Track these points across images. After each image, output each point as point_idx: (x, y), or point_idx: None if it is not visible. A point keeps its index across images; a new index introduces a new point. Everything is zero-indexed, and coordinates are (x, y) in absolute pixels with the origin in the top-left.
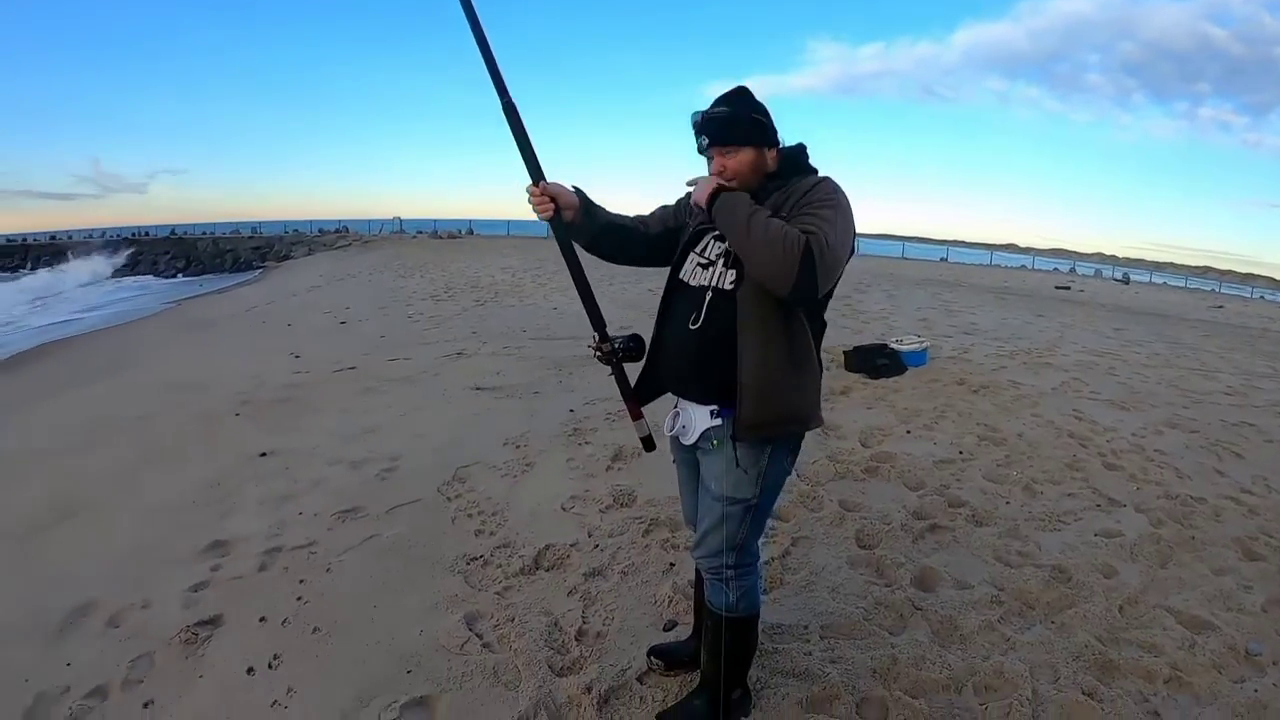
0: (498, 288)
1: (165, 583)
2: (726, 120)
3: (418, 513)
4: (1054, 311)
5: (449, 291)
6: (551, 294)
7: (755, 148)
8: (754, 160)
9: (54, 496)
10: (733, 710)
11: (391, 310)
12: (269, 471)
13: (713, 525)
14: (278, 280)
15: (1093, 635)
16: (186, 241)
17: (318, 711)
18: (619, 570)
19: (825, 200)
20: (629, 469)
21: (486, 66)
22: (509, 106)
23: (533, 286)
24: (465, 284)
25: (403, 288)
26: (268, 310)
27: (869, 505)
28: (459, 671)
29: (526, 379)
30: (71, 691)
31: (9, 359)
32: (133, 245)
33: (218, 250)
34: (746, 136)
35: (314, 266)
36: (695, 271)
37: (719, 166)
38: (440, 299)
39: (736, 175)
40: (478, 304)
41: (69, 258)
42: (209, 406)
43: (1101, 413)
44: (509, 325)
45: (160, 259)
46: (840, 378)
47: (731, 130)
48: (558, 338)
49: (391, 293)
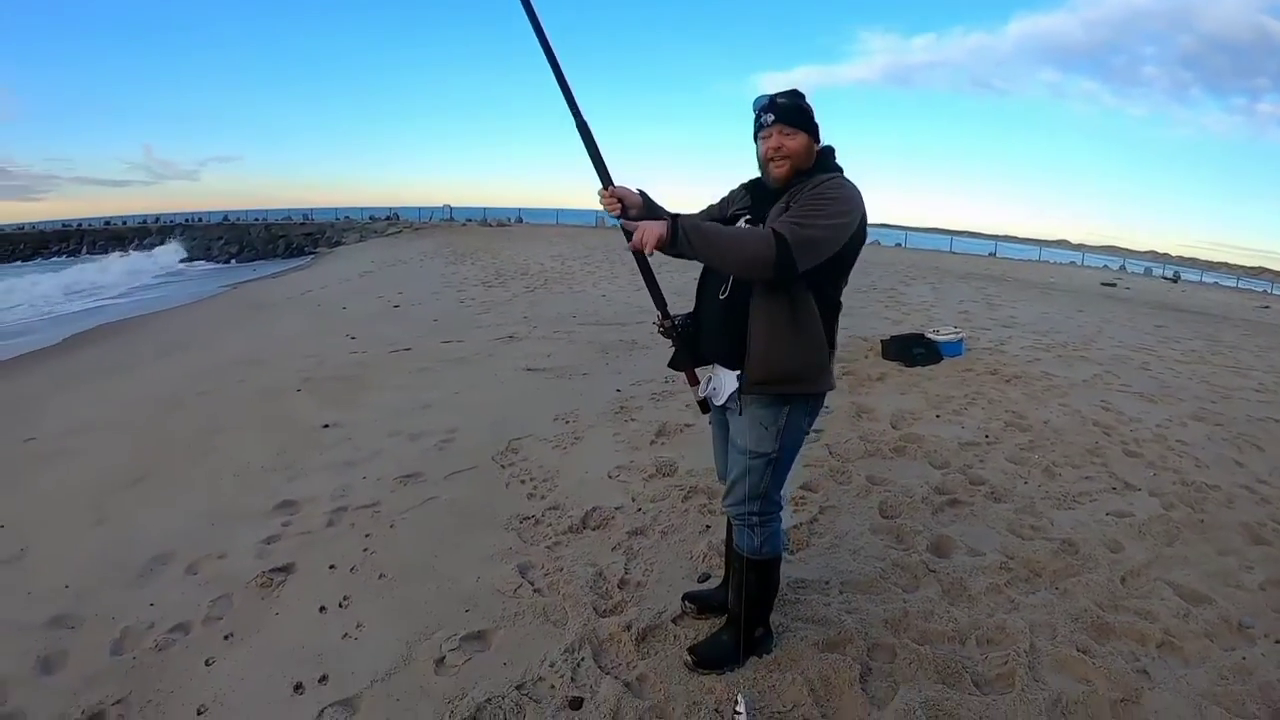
0: (547, 274)
1: (239, 536)
2: (794, 104)
3: (474, 478)
4: (1096, 308)
5: (499, 278)
6: (600, 281)
7: (810, 136)
8: (807, 145)
9: (129, 463)
10: (756, 646)
11: (444, 295)
12: (332, 441)
13: (739, 476)
14: (330, 266)
15: (1093, 601)
16: (239, 227)
17: (385, 642)
18: (659, 530)
19: (818, 194)
20: (672, 443)
21: (562, 91)
22: (582, 126)
23: (582, 274)
24: (515, 270)
25: (454, 274)
26: (322, 294)
27: (894, 480)
28: (512, 611)
29: (576, 361)
30: (156, 627)
31: (83, 335)
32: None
33: (270, 236)
34: (806, 123)
35: (366, 252)
36: None
37: (777, 143)
38: (491, 285)
39: (791, 155)
40: (528, 290)
41: (153, 243)
42: (271, 383)
43: (1129, 404)
44: (559, 311)
45: (213, 244)
46: (877, 365)
47: (798, 114)
48: (606, 323)
49: (443, 278)
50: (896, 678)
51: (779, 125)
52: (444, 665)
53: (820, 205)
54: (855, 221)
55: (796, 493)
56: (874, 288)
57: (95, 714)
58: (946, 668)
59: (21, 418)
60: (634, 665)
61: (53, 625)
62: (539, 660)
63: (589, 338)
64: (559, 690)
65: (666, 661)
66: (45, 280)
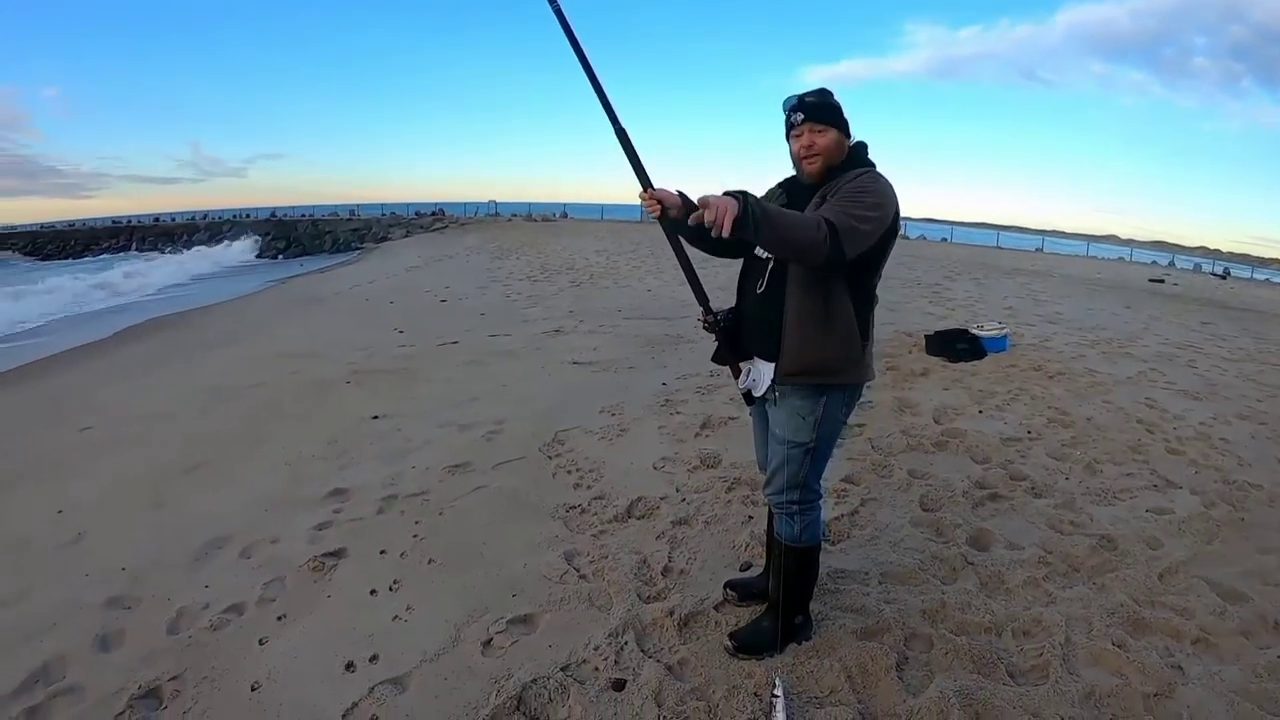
0: (593, 270)
1: (291, 522)
2: (822, 102)
3: (521, 468)
4: (1142, 304)
5: (545, 272)
6: (645, 276)
7: (840, 132)
8: (837, 141)
9: (184, 451)
10: (795, 633)
11: (490, 290)
12: (382, 432)
13: (779, 466)
14: (377, 261)
15: (1129, 596)
16: (286, 223)
17: (433, 624)
18: (703, 520)
19: (857, 187)
20: (716, 436)
21: (599, 98)
22: (621, 132)
23: (627, 269)
24: (561, 265)
25: (500, 268)
26: (370, 289)
27: (935, 474)
28: (558, 596)
29: (622, 355)
30: (210, 608)
31: (134, 329)
32: (234, 225)
33: (317, 232)
34: (836, 119)
35: (412, 248)
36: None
37: (809, 141)
38: (537, 279)
39: (823, 151)
40: (574, 285)
41: (227, 238)
42: (322, 375)
43: (1173, 401)
44: (604, 305)
45: (261, 239)
46: (920, 360)
47: (826, 111)
48: (651, 318)
49: (489, 273)
50: (932, 667)
51: (809, 124)
52: (491, 647)
53: (860, 196)
54: (891, 214)
55: (838, 485)
56: (919, 283)
57: (151, 690)
58: (982, 658)
59: (77, 408)
60: (676, 649)
61: (110, 605)
62: (583, 643)
63: (634, 332)
64: (602, 672)
65: (708, 646)
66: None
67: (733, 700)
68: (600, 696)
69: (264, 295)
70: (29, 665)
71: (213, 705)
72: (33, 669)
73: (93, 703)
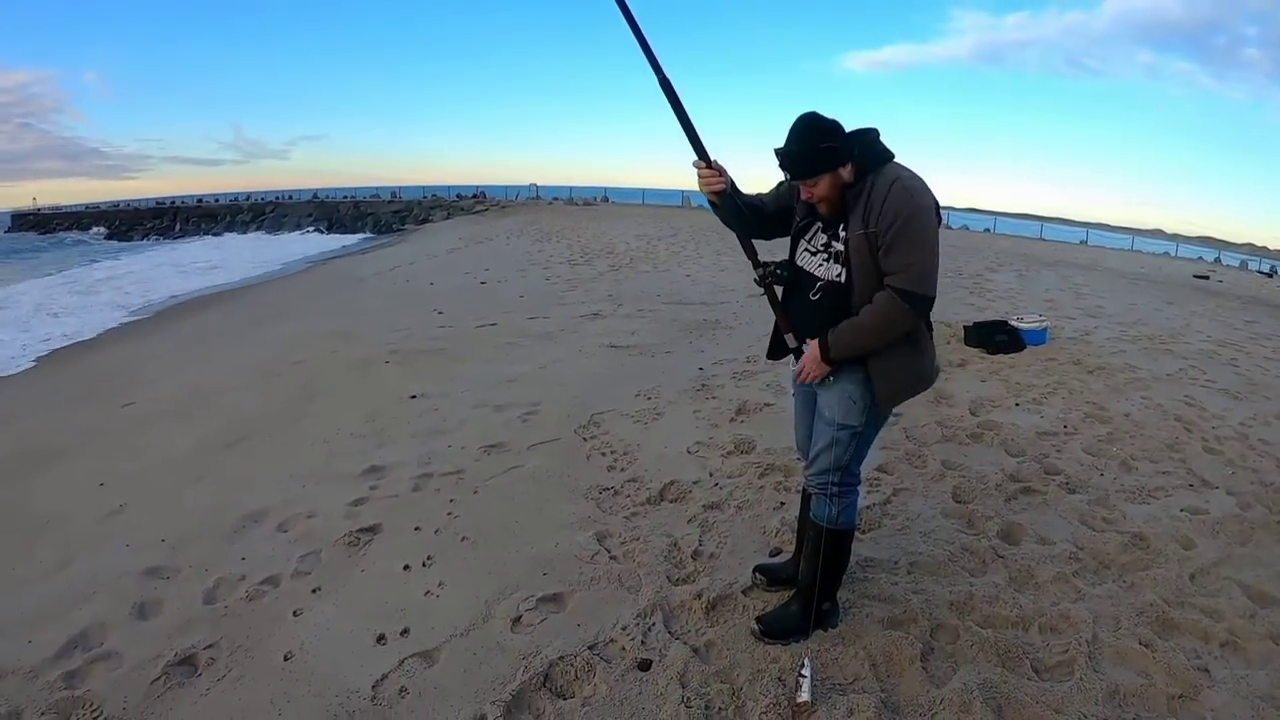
0: (632, 254)
1: (328, 498)
2: (801, 158)
3: (556, 450)
4: (1185, 300)
5: (585, 256)
6: (685, 262)
7: (831, 173)
8: (832, 182)
9: (224, 427)
10: (822, 619)
11: (530, 273)
12: (419, 411)
13: (824, 447)
14: (418, 242)
15: (1159, 596)
16: (328, 205)
17: (464, 600)
18: (734, 505)
19: (900, 220)
20: (751, 421)
21: (660, 87)
22: (673, 97)
23: (667, 254)
24: (601, 249)
25: (540, 252)
26: (410, 270)
27: (969, 466)
28: (588, 576)
29: (659, 339)
30: (247, 579)
31: (178, 306)
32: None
33: (358, 213)
34: (820, 167)
35: (452, 230)
36: (805, 257)
37: (806, 194)
38: (577, 263)
39: (824, 198)
40: (613, 269)
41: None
42: (361, 354)
43: (1213, 400)
44: (643, 289)
45: (303, 220)
46: (959, 351)
47: (807, 165)
48: (690, 303)
49: (529, 256)
50: (957, 658)
51: (799, 179)
52: (520, 624)
53: (908, 234)
54: (936, 219)
55: (871, 474)
56: (960, 273)
57: (187, 657)
58: (1007, 652)
59: (123, 384)
60: (703, 632)
61: (149, 575)
62: (611, 623)
63: (672, 316)
64: (629, 652)
65: (734, 630)
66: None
67: (757, 684)
68: (626, 675)
69: (306, 275)
70: (69, 631)
71: (246, 673)
72: (72, 635)
73: (129, 668)
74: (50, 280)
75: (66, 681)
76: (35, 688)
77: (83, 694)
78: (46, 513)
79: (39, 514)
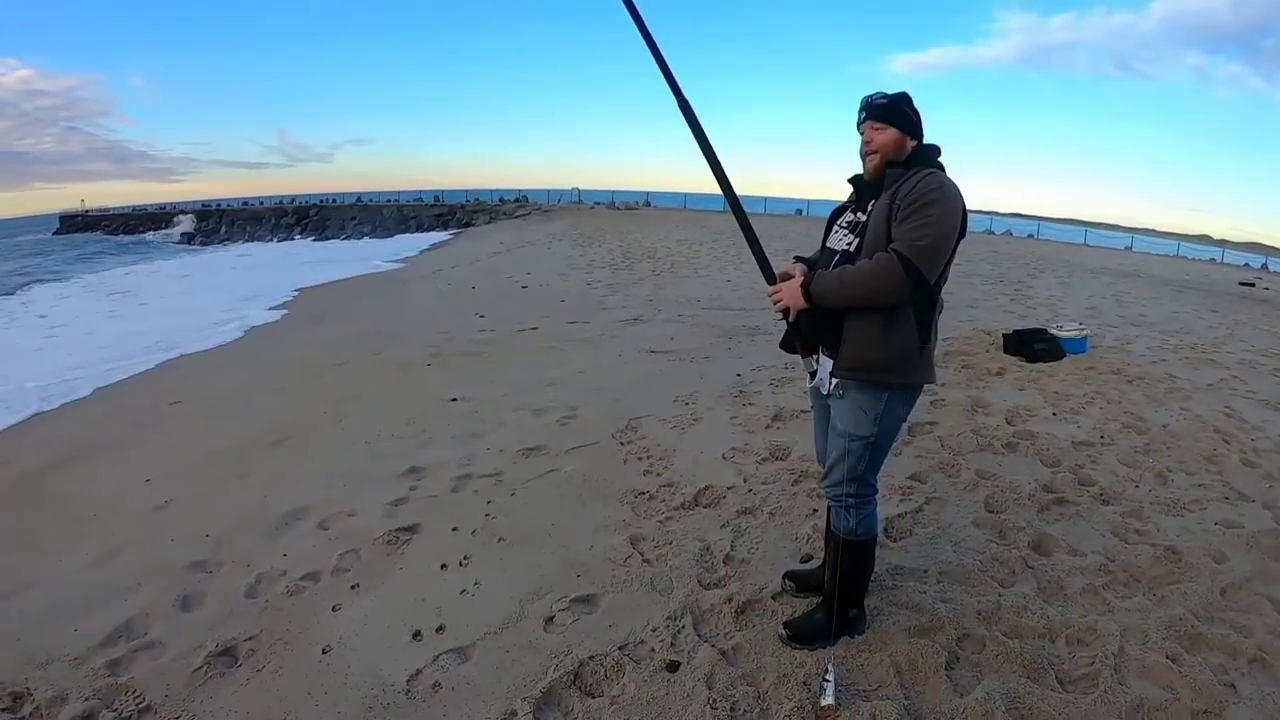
0: (674, 259)
1: (369, 497)
2: (885, 105)
3: (594, 454)
4: (1230, 308)
5: (626, 261)
6: (725, 267)
7: (900, 131)
8: (896, 139)
9: (269, 426)
10: (848, 626)
11: (571, 277)
12: (459, 414)
13: (838, 459)
14: (460, 246)
15: (1188, 610)
16: (371, 208)
17: (499, 599)
18: (768, 511)
19: (924, 200)
20: (787, 428)
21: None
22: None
23: (708, 259)
24: (642, 254)
25: (581, 256)
26: (453, 274)
27: (1003, 476)
28: (621, 578)
29: (698, 345)
30: (288, 574)
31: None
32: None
33: (401, 217)
34: (895, 120)
35: (495, 234)
36: (834, 237)
37: (869, 137)
38: (618, 268)
39: (880, 148)
40: (654, 274)
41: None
42: (403, 357)
43: (1253, 411)
44: (684, 295)
45: (347, 224)
46: (997, 359)
47: (886, 112)
48: (730, 308)
49: (570, 260)
50: (982, 668)
51: (870, 121)
52: (553, 623)
53: (927, 212)
54: (958, 221)
55: (904, 482)
56: (1001, 280)
57: (228, 648)
58: (1033, 663)
59: (170, 382)
60: (731, 635)
61: (192, 569)
62: (642, 625)
63: (712, 322)
64: (658, 653)
65: (762, 634)
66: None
67: (782, 688)
68: (654, 676)
69: (351, 279)
70: (114, 620)
71: (285, 665)
72: (117, 624)
73: (172, 657)
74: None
75: (110, 669)
76: (80, 674)
77: (126, 681)
78: (95, 505)
79: (88, 505)
